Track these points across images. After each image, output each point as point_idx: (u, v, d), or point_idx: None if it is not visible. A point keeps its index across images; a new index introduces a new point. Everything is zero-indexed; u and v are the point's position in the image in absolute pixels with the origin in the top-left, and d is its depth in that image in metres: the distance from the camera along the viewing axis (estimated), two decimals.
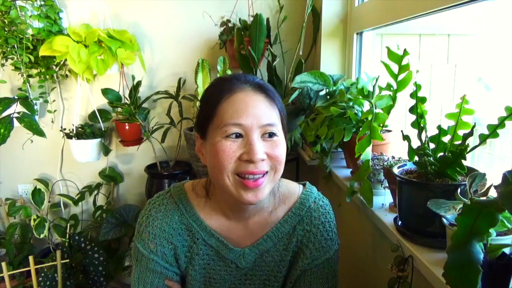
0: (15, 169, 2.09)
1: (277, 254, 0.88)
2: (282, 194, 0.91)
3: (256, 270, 0.89)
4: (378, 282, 1.12)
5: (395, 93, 1.05)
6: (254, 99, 0.77)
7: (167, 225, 0.86)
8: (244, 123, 0.74)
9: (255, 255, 0.88)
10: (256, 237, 0.88)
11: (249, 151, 0.74)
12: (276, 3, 1.87)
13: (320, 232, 0.88)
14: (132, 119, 1.86)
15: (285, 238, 0.88)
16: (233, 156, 0.74)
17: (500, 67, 1.26)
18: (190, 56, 1.95)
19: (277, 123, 0.78)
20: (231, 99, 0.77)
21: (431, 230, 0.81)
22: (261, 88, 0.79)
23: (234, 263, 0.87)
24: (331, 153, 1.33)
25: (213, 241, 0.87)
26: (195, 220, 0.87)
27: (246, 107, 0.75)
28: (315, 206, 0.90)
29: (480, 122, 0.99)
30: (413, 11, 1.08)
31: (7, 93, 1.96)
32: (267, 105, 0.78)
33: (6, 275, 1.47)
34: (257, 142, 0.75)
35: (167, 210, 0.87)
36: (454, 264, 0.54)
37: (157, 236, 0.86)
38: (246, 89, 0.78)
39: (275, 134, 0.77)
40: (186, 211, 0.87)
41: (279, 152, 0.77)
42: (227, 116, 0.75)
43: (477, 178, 0.69)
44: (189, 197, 0.89)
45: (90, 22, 1.84)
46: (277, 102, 0.80)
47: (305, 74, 1.38)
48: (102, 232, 1.86)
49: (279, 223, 0.88)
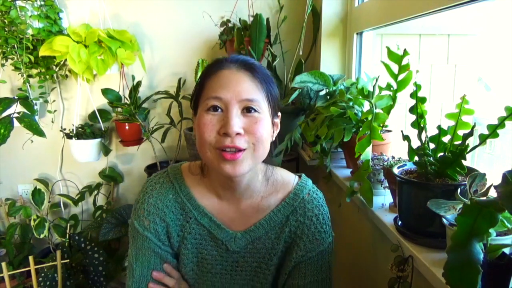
0: (15, 169, 2.09)
1: (268, 242, 0.90)
2: (276, 181, 0.92)
3: (247, 257, 0.90)
4: (378, 282, 1.12)
5: (395, 93, 1.05)
6: (237, 76, 0.80)
7: (161, 202, 0.89)
8: (223, 97, 0.78)
9: (246, 240, 0.89)
10: (248, 222, 0.90)
11: (226, 124, 0.76)
12: (276, 3, 1.87)
13: (313, 224, 0.89)
14: (132, 119, 1.86)
15: (277, 227, 0.90)
16: (213, 130, 0.78)
17: (500, 67, 1.26)
18: (190, 56, 1.95)
19: (260, 100, 0.80)
20: (216, 75, 0.81)
21: (431, 230, 0.81)
22: (247, 67, 0.82)
23: (225, 244, 0.89)
24: (331, 153, 1.33)
25: (205, 220, 0.89)
26: (188, 199, 0.90)
27: (228, 83, 0.79)
28: (309, 198, 0.91)
29: (480, 122, 0.99)
30: (413, 11, 1.07)
31: (7, 93, 1.96)
32: (250, 82, 0.80)
33: (6, 275, 1.47)
34: (235, 116, 0.77)
35: (162, 188, 0.90)
36: (454, 264, 0.54)
37: (151, 213, 0.88)
38: (231, 67, 0.82)
39: (256, 110, 0.79)
40: (180, 190, 0.90)
41: (257, 128, 0.78)
42: (210, 90, 0.80)
43: (477, 178, 0.69)
44: (184, 177, 0.92)
45: (90, 22, 1.84)
46: (264, 82, 0.82)
47: (305, 74, 1.37)
48: (102, 232, 1.86)
49: (272, 212, 0.90)
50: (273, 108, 0.84)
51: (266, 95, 0.82)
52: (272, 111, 0.83)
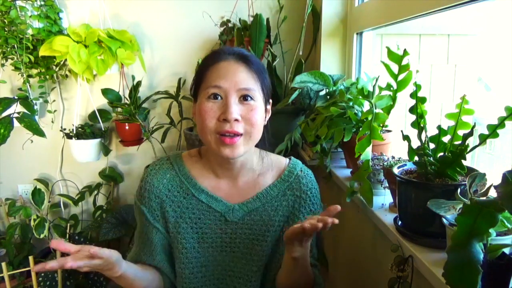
0: (15, 169, 2.09)
1: (265, 214, 0.98)
2: (270, 160, 1.03)
3: (244, 228, 0.98)
4: (378, 282, 1.12)
5: (395, 93, 1.05)
6: (235, 67, 0.89)
7: (157, 181, 0.99)
8: (223, 86, 0.87)
9: (243, 212, 0.98)
10: (245, 196, 0.99)
11: (225, 111, 0.85)
12: (276, 3, 1.87)
13: (308, 197, 1.00)
14: (132, 119, 1.86)
15: (274, 201, 0.99)
16: (214, 116, 0.87)
17: (500, 67, 1.25)
18: (190, 56, 1.95)
19: (255, 89, 0.89)
20: (215, 66, 0.89)
21: (431, 230, 0.81)
22: (243, 59, 0.91)
23: (223, 216, 0.97)
24: (331, 153, 1.33)
25: (203, 196, 0.98)
26: (186, 178, 0.99)
27: (226, 73, 0.88)
28: (302, 174, 1.02)
29: (480, 122, 0.99)
30: (413, 11, 1.07)
31: (7, 93, 1.96)
32: (246, 73, 0.89)
33: (6, 275, 1.47)
34: (233, 104, 0.86)
35: (161, 169, 1.01)
36: (454, 264, 0.54)
37: (147, 190, 0.99)
38: (229, 58, 0.90)
39: (252, 98, 0.88)
40: (179, 170, 1.00)
41: (253, 115, 0.88)
42: (210, 79, 0.88)
43: (477, 178, 0.69)
44: (183, 159, 1.02)
45: (90, 22, 1.84)
46: (258, 72, 0.91)
47: (305, 74, 1.37)
48: (102, 232, 1.86)
49: (269, 187, 1.00)
50: (266, 96, 0.93)
51: (260, 85, 0.91)
52: (265, 99, 0.93)
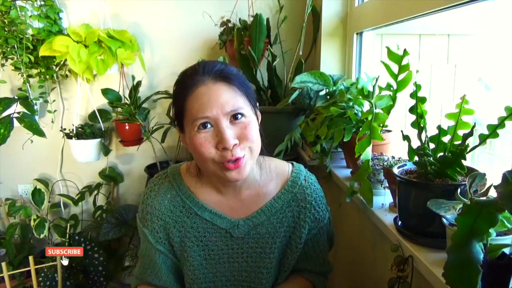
0: (15, 169, 2.09)
1: (271, 227, 0.96)
2: (271, 168, 0.99)
3: (251, 243, 0.96)
4: (378, 282, 1.12)
5: (395, 93, 1.04)
6: (215, 90, 0.83)
7: (158, 203, 0.96)
8: (210, 115, 0.81)
9: (248, 226, 0.95)
10: (249, 210, 0.96)
11: (221, 139, 0.81)
12: (276, 3, 1.87)
13: (313, 207, 0.98)
14: (132, 119, 1.86)
15: (279, 213, 0.97)
16: (210, 146, 0.82)
17: (500, 67, 1.25)
18: (190, 56, 1.95)
19: (243, 106, 0.84)
20: (194, 94, 0.83)
21: (431, 230, 0.81)
22: (220, 76, 0.84)
23: (229, 232, 0.95)
24: (331, 153, 1.33)
25: (207, 214, 0.95)
26: (187, 197, 0.96)
27: (208, 100, 0.82)
28: (306, 184, 1.00)
29: (480, 122, 0.99)
30: (413, 11, 1.07)
31: (7, 93, 1.96)
32: (229, 92, 0.84)
33: (6, 275, 1.47)
34: (227, 129, 0.82)
35: (160, 189, 0.97)
36: (454, 264, 0.54)
37: (149, 213, 0.96)
38: (206, 81, 0.84)
39: (243, 115, 0.84)
40: (179, 190, 0.97)
41: (248, 132, 0.84)
42: (194, 111, 0.82)
43: (477, 178, 0.69)
44: (183, 177, 0.98)
45: (90, 22, 1.84)
46: (239, 85, 0.86)
47: (305, 74, 1.37)
48: (102, 232, 1.86)
49: (273, 199, 0.97)
50: (253, 104, 0.89)
51: (246, 97, 0.86)
52: (253, 107, 0.89)
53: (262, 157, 0.98)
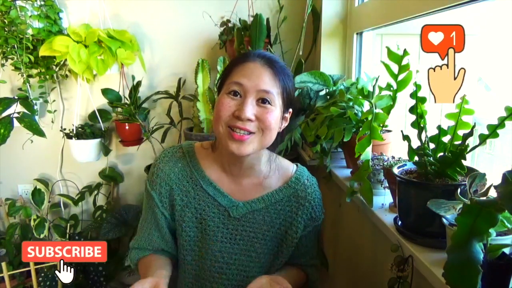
0: (15, 169, 2.09)
1: (267, 215, 1.02)
2: (277, 165, 1.06)
3: (246, 226, 1.01)
4: (378, 282, 1.12)
5: (395, 93, 1.05)
6: (260, 69, 0.91)
7: (169, 168, 1.02)
8: (244, 84, 0.90)
9: (246, 209, 1.01)
10: (250, 196, 1.03)
11: (240, 109, 0.88)
12: (276, 3, 1.87)
13: (311, 206, 1.05)
14: (132, 119, 1.86)
15: (278, 204, 1.03)
16: (229, 110, 0.90)
17: (500, 67, 1.25)
18: (190, 56, 1.95)
19: (274, 94, 0.91)
20: (242, 66, 0.93)
21: (431, 230, 0.81)
22: (269, 62, 0.93)
23: (227, 211, 1.01)
24: (331, 153, 1.33)
25: (211, 189, 1.01)
26: (196, 169, 1.02)
27: (251, 73, 0.91)
28: (308, 183, 1.06)
29: (480, 122, 0.99)
30: (413, 11, 1.07)
31: (7, 93, 1.96)
32: (269, 77, 0.91)
33: (6, 275, 1.47)
34: (250, 104, 0.89)
35: (173, 157, 1.04)
36: (454, 264, 0.54)
37: (159, 176, 1.02)
38: (256, 61, 0.93)
39: (269, 103, 0.91)
40: (190, 161, 1.03)
41: (267, 117, 0.90)
42: (234, 76, 0.92)
43: (477, 178, 0.69)
44: (195, 150, 1.06)
45: (90, 22, 1.84)
46: (281, 77, 0.93)
47: (305, 74, 1.37)
48: (102, 232, 1.86)
49: (274, 191, 1.03)
50: (285, 104, 0.95)
51: (281, 91, 0.93)
52: (283, 107, 0.95)
53: (274, 154, 1.05)
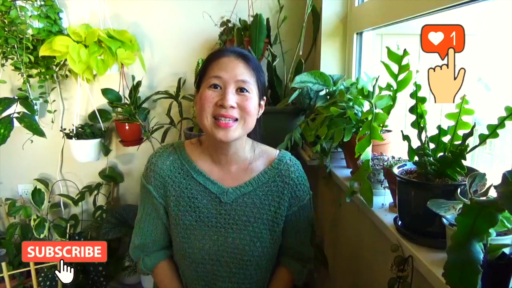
0: (15, 169, 2.09)
1: (256, 198, 1.08)
2: (261, 150, 1.13)
3: (238, 210, 1.06)
4: (378, 282, 1.12)
5: (395, 93, 1.05)
6: (234, 62, 1.00)
7: (161, 162, 1.09)
8: (223, 77, 0.97)
9: (236, 194, 1.07)
10: (238, 181, 1.09)
11: (223, 98, 0.96)
12: (276, 3, 1.87)
13: (295, 183, 1.10)
14: (132, 119, 1.86)
15: (264, 186, 1.08)
16: (212, 102, 0.97)
17: (500, 67, 1.25)
18: (190, 56, 1.95)
19: (251, 83, 1.00)
20: (217, 61, 1.01)
21: (431, 230, 0.81)
22: (242, 56, 1.02)
23: (218, 197, 1.06)
24: (331, 153, 1.33)
25: (201, 178, 1.08)
26: (186, 162, 1.09)
27: (226, 66, 0.99)
28: (291, 162, 1.12)
29: (480, 122, 0.99)
30: (413, 11, 1.08)
31: (7, 93, 1.96)
32: (244, 68, 1.00)
33: (6, 275, 1.47)
34: (231, 93, 0.97)
35: (164, 152, 1.11)
36: (454, 264, 0.54)
37: (152, 170, 1.09)
38: (229, 55, 1.01)
39: (247, 91, 0.99)
40: (181, 155, 1.11)
41: (247, 104, 0.98)
42: (212, 71, 1.00)
43: (477, 178, 0.69)
44: (185, 146, 1.13)
45: (90, 22, 1.84)
46: (255, 69, 1.02)
47: (305, 74, 1.37)
48: (102, 232, 1.86)
49: (260, 174, 1.09)
50: (260, 92, 1.04)
51: (256, 80, 1.01)
52: (259, 94, 1.03)
53: (255, 142, 1.12)
